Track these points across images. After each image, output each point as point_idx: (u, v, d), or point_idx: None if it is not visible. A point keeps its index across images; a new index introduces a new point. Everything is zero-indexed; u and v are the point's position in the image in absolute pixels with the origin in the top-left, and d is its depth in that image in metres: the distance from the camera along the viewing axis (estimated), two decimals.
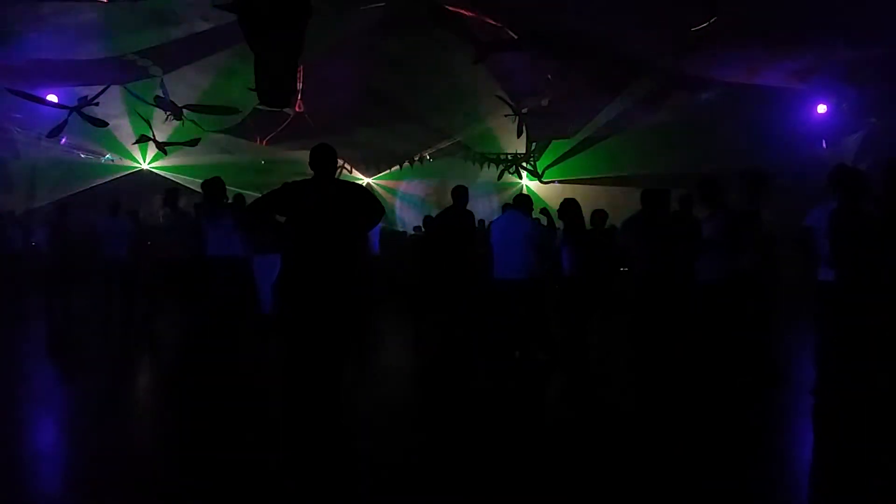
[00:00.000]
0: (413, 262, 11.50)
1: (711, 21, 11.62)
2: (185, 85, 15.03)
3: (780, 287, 9.00)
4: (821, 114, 14.73)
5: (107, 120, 14.69)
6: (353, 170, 20.35)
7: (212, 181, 8.04)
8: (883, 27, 11.00)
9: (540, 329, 7.74)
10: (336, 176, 5.39)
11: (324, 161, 5.04)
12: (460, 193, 8.29)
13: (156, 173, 19.07)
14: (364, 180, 20.41)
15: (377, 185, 20.83)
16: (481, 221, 15.74)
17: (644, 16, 12.04)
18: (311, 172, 5.04)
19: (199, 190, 8.51)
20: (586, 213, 7.96)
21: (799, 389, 5.95)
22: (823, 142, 15.01)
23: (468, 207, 8.40)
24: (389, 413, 5.85)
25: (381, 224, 13.26)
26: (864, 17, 10.84)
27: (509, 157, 20.20)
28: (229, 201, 8.81)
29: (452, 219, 8.30)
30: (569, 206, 7.74)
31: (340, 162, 16.79)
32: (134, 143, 16.90)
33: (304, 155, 5.27)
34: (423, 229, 13.60)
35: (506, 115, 17.15)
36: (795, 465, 4.72)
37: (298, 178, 5.17)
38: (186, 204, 11.62)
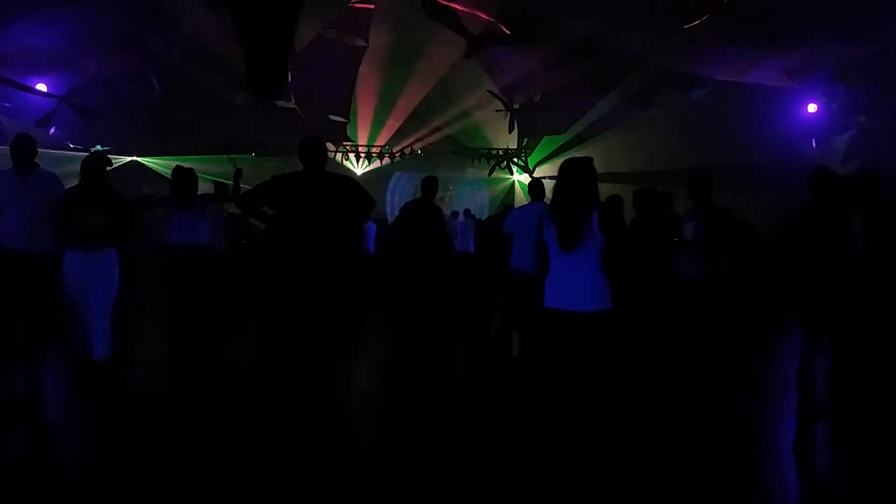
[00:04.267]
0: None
1: (703, 19, 11.66)
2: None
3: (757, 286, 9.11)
4: (811, 112, 14.78)
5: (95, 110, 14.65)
6: (344, 161, 20.28)
7: (183, 170, 8.07)
8: (873, 26, 11.06)
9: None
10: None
11: (313, 153, 5.03)
12: (427, 185, 8.25)
13: (145, 164, 19.01)
14: (357, 171, 20.35)
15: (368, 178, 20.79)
16: (467, 211, 15.82)
17: (636, 12, 12.07)
18: (301, 165, 5.04)
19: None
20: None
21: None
22: (813, 140, 15.07)
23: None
24: (382, 408, 5.84)
25: (374, 223, 13.40)
26: (854, 16, 10.89)
27: (500, 152, 20.21)
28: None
29: (417, 209, 8.22)
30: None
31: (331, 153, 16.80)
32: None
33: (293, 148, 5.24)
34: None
35: (497, 110, 17.17)
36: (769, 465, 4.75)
37: (288, 171, 5.16)
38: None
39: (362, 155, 19.99)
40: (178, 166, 8.19)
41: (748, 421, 5.48)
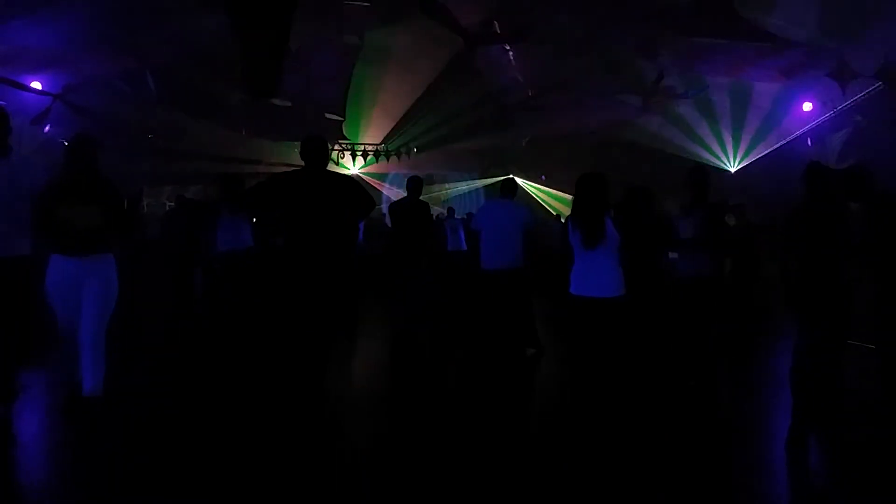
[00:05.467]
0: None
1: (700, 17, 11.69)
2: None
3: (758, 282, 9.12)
4: (806, 111, 14.83)
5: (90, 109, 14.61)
6: (340, 161, 20.27)
7: (232, 177, 8.25)
8: (870, 25, 11.08)
9: (527, 321, 7.73)
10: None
11: (316, 152, 5.03)
12: (413, 184, 8.29)
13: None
14: (351, 171, 20.34)
15: (364, 176, 20.76)
16: (450, 210, 15.86)
17: (631, 11, 12.08)
18: (301, 163, 5.05)
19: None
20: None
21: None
22: (808, 139, 15.12)
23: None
24: (377, 403, 5.84)
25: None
26: (851, 14, 10.92)
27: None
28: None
29: (406, 208, 8.28)
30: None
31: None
32: None
33: (285, 146, 5.25)
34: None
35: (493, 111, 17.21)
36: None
37: (287, 170, 5.17)
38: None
39: (358, 154, 19.98)
40: (225, 173, 8.40)
41: (741, 421, 5.49)
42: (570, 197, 8.01)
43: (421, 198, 8.32)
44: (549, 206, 20.70)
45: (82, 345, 4.65)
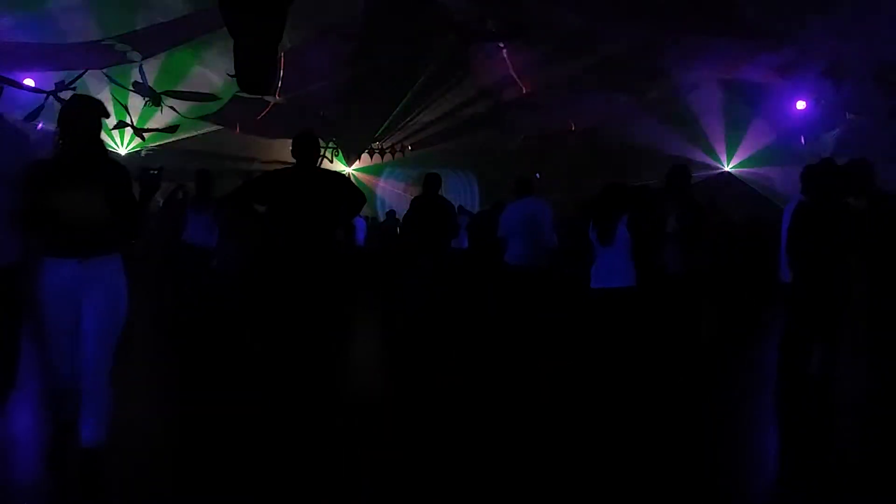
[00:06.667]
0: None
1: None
2: (164, 70, 14.92)
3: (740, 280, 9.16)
4: (800, 109, 14.85)
5: None
6: (335, 159, 20.22)
7: (203, 172, 8.22)
8: (862, 24, 11.10)
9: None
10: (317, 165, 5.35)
11: (307, 150, 5.02)
12: (431, 180, 8.29)
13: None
14: (345, 170, 20.29)
15: (358, 174, 20.71)
16: (461, 207, 15.85)
17: (627, 9, 12.07)
18: (293, 161, 5.04)
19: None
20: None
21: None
22: (802, 137, 15.14)
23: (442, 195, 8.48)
24: (378, 402, 5.82)
25: (365, 217, 13.45)
26: (844, 13, 10.93)
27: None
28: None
29: (426, 204, 8.23)
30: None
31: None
32: (112, 129, 16.67)
33: (282, 143, 5.25)
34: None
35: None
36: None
37: (279, 167, 5.17)
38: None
39: (352, 152, 19.94)
40: (199, 169, 8.41)
41: (738, 420, 5.50)
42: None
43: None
44: None
45: (83, 376, 3.49)
